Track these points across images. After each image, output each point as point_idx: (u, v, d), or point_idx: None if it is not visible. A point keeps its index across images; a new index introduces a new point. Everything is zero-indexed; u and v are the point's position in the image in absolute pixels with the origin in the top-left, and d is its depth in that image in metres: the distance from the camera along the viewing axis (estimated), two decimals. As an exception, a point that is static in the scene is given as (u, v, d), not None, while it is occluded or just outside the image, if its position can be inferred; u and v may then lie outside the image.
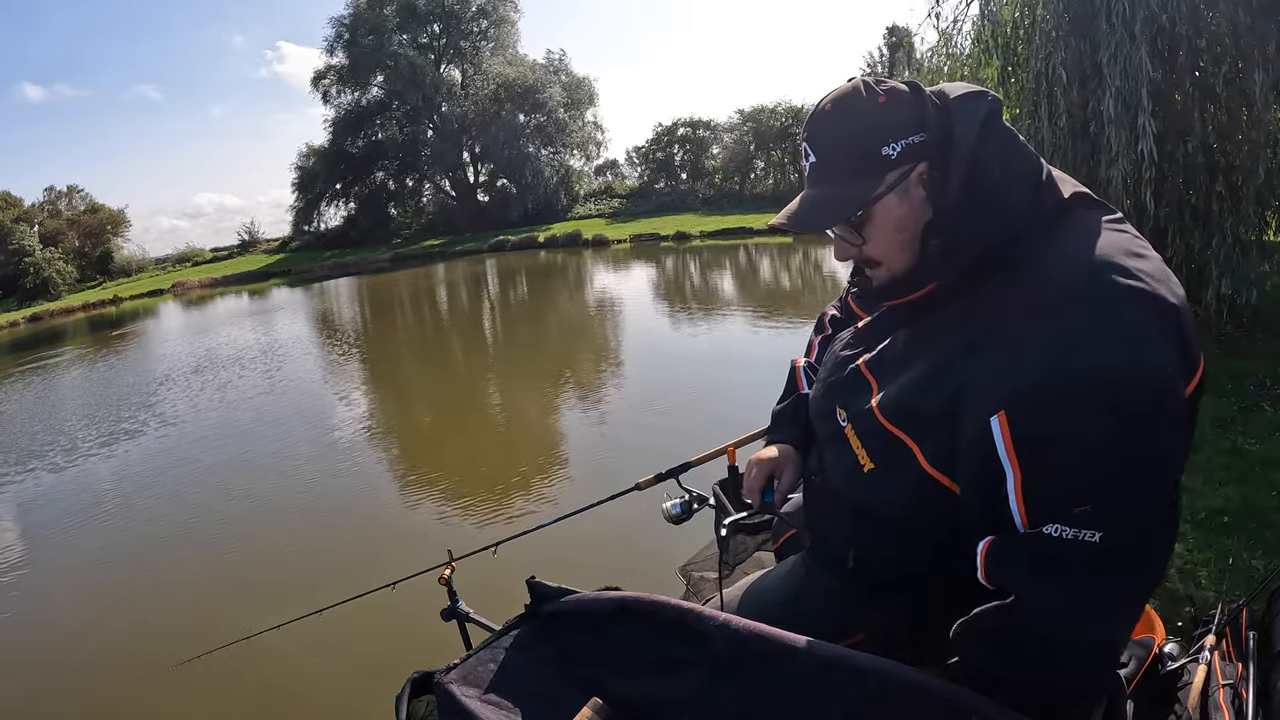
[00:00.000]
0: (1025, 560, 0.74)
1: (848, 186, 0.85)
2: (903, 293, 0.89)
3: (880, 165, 0.84)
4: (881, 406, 0.89)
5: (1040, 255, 0.79)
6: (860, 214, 0.86)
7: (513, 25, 37.23)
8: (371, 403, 8.86)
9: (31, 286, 33.78)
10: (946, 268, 0.84)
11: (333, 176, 36.56)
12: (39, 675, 3.71)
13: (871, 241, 0.88)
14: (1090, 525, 0.70)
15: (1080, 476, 0.71)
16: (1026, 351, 0.73)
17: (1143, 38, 4.35)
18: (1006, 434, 0.73)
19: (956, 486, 0.82)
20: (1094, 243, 0.78)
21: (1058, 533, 0.71)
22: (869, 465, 0.90)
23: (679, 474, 1.82)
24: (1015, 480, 0.73)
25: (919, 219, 0.86)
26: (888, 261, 0.89)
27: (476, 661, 0.96)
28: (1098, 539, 0.70)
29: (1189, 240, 4.83)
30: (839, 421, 0.96)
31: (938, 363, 0.83)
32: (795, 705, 0.76)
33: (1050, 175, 0.85)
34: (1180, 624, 2.25)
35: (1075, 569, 0.72)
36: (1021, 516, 0.74)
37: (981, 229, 0.82)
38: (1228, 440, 3.59)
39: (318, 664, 3.35)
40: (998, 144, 0.83)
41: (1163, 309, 0.73)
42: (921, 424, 0.84)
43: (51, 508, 6.28)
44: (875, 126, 0.84)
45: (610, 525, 3.47)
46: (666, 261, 20.07)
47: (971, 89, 0.87)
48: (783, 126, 30.08)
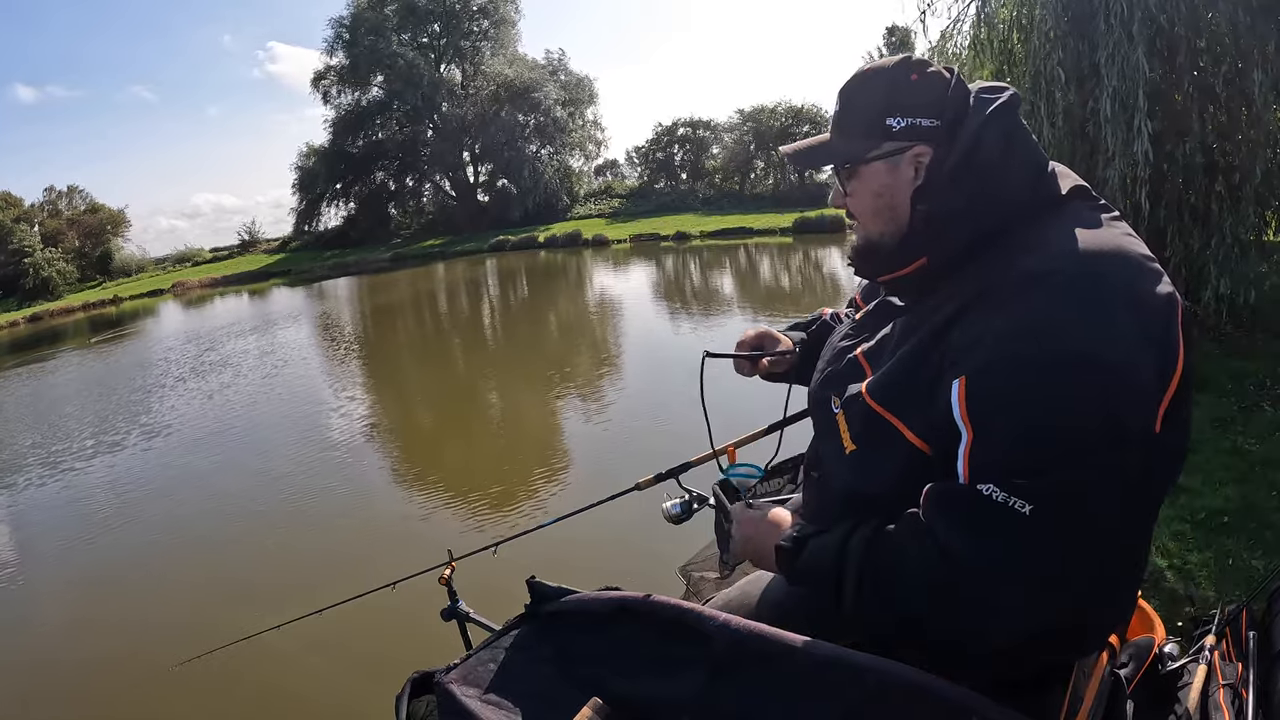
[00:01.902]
0: (952, 508, 0.76)
1: (847, 141, 0.92)
2: (895, 266, 0.92)
3: (881, 132, 0.89)
4: (870, 389, 0.90)
5: (1029, 239, 0.82)
6: (849, 168, 0.92)
7: (513, 25, 37.32)
8: (371, 403, 8.86)
9: (31, 286, 33.81)
10: (934, 240, 0.87)
11: (333, 176, 36.60)
12: (37, 676, 3.71)
13: (853, 197, 0.94)
14: (1023, 496, 0.71)
15: (1022, 447, 0.73)
16: (995, 325, 0.76)
17: (1140, 38, 4.35)
18: (962, 396, 0.76)
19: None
20: (1083, 233, 0.80)
21: (988, 492, 0.73)
22: (850, 447, 0.92)
23: (679, 474, 1.81)
24: (966, 441, 0.76)
25: (898, 194, 0.90)
26: (862, 220, 0.95)
27: (476, 661, 0.96)
28: (1027, 511, 0.71)
29: (1188, 240, 4.83)
30: (832, 409, 0.97)
31: (924, 340, 0.85)
32: (795, 705, 0.76)
33: (1054, 170, 0.88)
34: (1180, 624, 2.25)
35: (995, 532, 0.73)
36: (965, 477, 0.76)
37: (972, 205, 0.84)
38: (1228, 440, 3.59)
39: (318, 664, 3.35)
40: (1003, 130, 0.86)
41: (1137, 301, 0.75)
42: (906, 401, 0.85)
43: (50, 508, 6.28)
44: (890, 97, 0.88)
45: (610, 525, 3.47)
46: (666, 261, 20.07)
47: (998, 84, 0.91)
48: (783, 126, 30.08)
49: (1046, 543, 0.72)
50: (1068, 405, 0.71)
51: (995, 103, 0.87)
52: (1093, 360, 0.71)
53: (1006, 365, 0.74)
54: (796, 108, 30.63)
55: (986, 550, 0.73)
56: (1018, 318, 0.74)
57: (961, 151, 0.85)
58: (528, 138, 34.82)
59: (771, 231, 22.82)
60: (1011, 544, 0.73)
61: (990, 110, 0.86)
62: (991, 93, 0.89)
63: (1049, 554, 0.73)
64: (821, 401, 1.02)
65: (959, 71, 0.90)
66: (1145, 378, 0.74)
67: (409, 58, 34.26)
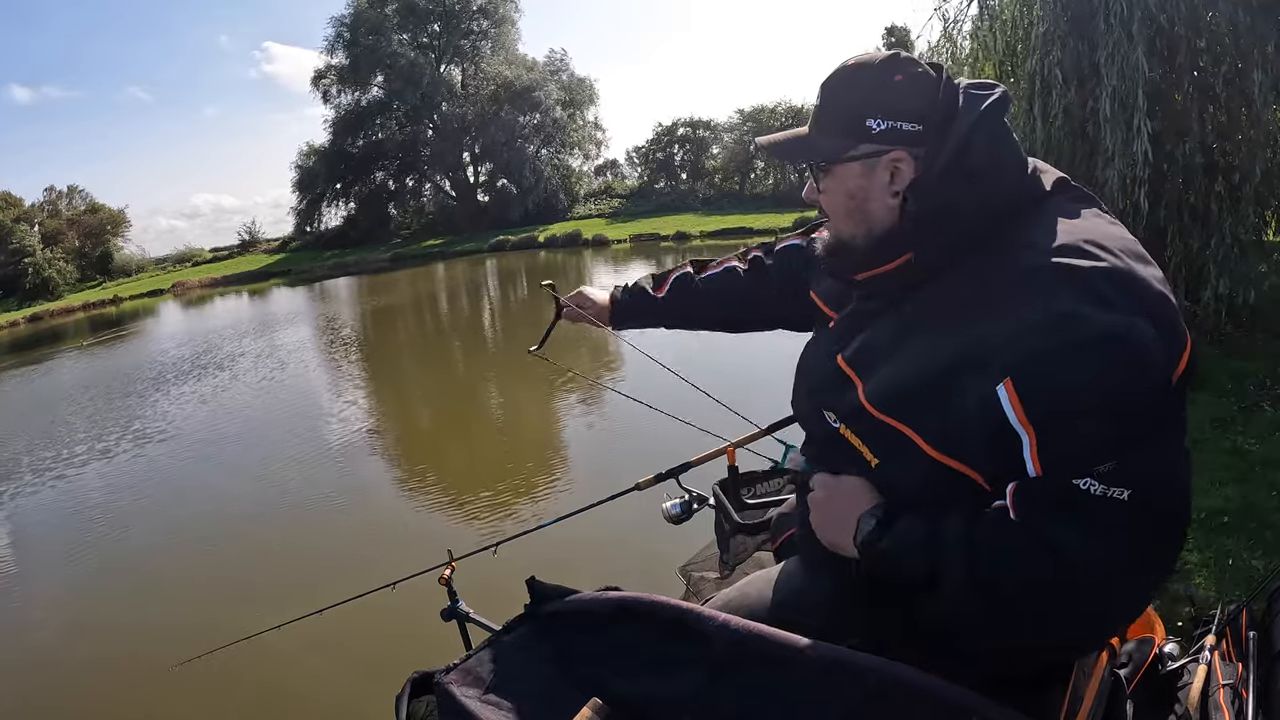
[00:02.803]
0: (1058, 507, 0.75)
1: (825, 138, 0.90)
2: (875, 263, 0.90)
3: (860, 132, 0.87)
4: (870, 398, 0.88)
5: (1024, 233, 0.81)
6: (824, 165, 0.91)
7: (513, 25, 37.27)
8: (371, 403, 8.86)
9: (32, 286, 33.78)
10: (922, 237, 0.86)
11: (333, 176, 36.56)
12: (38, 675, 3.71)
13: (826, 194, 0.93)
14: (1117, 484, 0.72)
15: (1097, 436, 0.73)
16: (1022, 321, 0.74)
17: (1140, 37, 4.35)
18: (1015, 400, 0.74)
19: (968, 468, 0.81)
20: (1075, 224, 0.81)
21: (1086, 485, 0.73)
22: (874, 461, 0.89)
23: (679, 474, 1.82)
24: (1030, 443, 0.74)
25: (872, 197, 0.88)
26: (834, 219, 0.94)
27: (476, 661, 0.96)
28: (1125, 497, 0.72)
29: (1188, 240, 4.83)
30: (830, 423, 0.95)
31: (923, 344, 0.84)
32: (795, 705, 0.76)
33: (1035, 168, 0.88)
34: (1180, 624, 2.25)
35: (1105, 523, 0.73)
36: (1041, 475, 0.75)
37: (962, 203, 0.84)
38: (1228, 440, 3.59)
39: (318, 664, 3.35)
40: (991, 133, 0.85)
41: (1137, 286, 0.75)
42: (913, 408, 0.83)
43: (49, 508, 6.28)
44: (872, 98, 0.87)
45: (610, 525, 3.47)
46: (666, 261, 19.98)
47: (987, 81, 0.90)
48: (783, 126, 29.93)
49: (1150, 524, 0.74)
50: (1120, 385, 0.71)
51: (986, 101, 0.86)
52: (1126, 337, 0.71)
53: (1050, 358, 0.73)
54: (796, 108, 30.61)
55: (1103, 546, 0.74)
56: (1043, 312, 0.74)
57: (952, 151, 0.84)
58: (528, 138, 34.80)
59: (771, 231, 22.81)
60: (1125, 534, 0.73)
61: (982, 109, 0.85)
62: (980, 90, 0.87)
63: (1156, 535, 0.75)
64: (812, 414, 1.00)
65: (957, 72, 0.90)
66: (1169, 354, 0.74)
67: (409, 57, 34.24)
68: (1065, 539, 0.74)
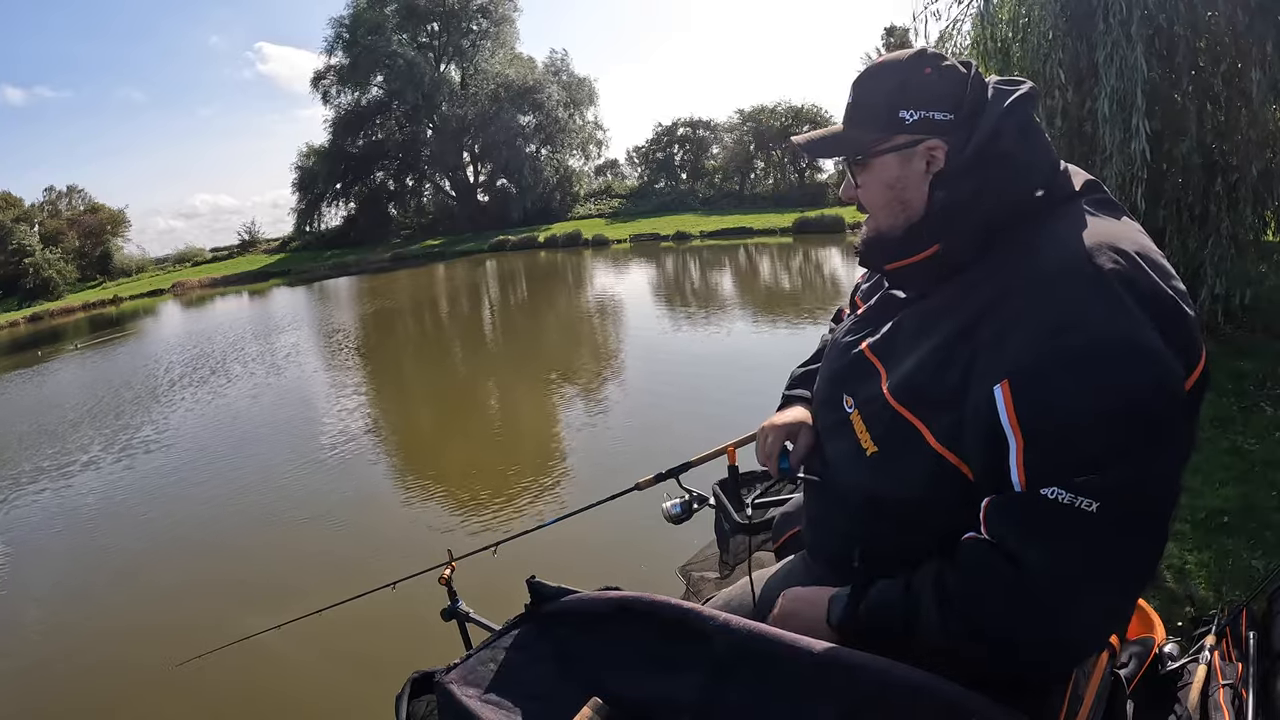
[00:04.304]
0: (1019, 518, 0.75)
1: (860, 132, 0.92)
2: (905, 253, 0.91)
3: (894, 125, 0.88)
4: (892, 390, 0.88)
5: (1046, 234, 0.82)
6: (861, 159, 0.92)
7: (513, 24, 37.26)
8: (371, 403, 8.85)
9: (32, 286, 33.76)
10: (948, 228, 0.86)
11: (333, 176, 36.56)
12: (37, 676, 3.71)
13: (864, 189, 0.93)
14: (1088, 494, 0.71)
15: (1080, 446, 0.72)
16: (1030, 323, 0.75)
17: (1139, 37, 4.35)
18: (1009, 402, 0.74)
19: (965, 465, 0.82)
20: (1098, 228, 0.80)
21: (1053, 495, 0.73)
22: (871, 449, 0.90)
23: (679, 474, 1.82)
24: (1017, 448, 0.75)
25: (910, 187, 0.89)
26: (873, 212, 0.95)
27: (476, 661, 0.96)
28: (1094, 509, 0.71)
29: (1186, 240, 4.83)
30: (845, 409, 0.95)
31: (946, 340, 0.84)
32: (795, 705, 0.76)
33: (1066, 168, 0.89)
34: (1180, 624, 2.25)
35: (1069, 535, 0.72)
36: (1021, 484, 0.75)
37: (987, 195, 0.84)
38: (1228, 440, 3.59)
39: (318, 664, 3.35)
40: (1020, 123, 0.86)
41: (1153, 296, 0.75)
42: (931, 403, 0.84)
43: (48, 508, 6.28)
44: (904, 90, 0.88)
45: (610, 525, 3.47)
46: (666, 261, 20.08)
47: (1015, 77, 0.91)
48: (783, 126, 30.06)
49: (1118, 538, 0.72)
50: (1113, 397, 0.71)
51: (1014, 94, 0.87)
52: (1131, 348, 0.71)
53: (1047, 364, 0.73)
54: (796, 108, 30.64)
55: (1061, 555, 0.73)
56: (1051, 316, 0.74)
57: (979, 142, 0.85)
58: (528, 137, 34.81)
59: (771, 231, 22.84)
60: (1085, 545, 0.72)
61: (1009, 102, 0.86)
62: (1009, 85, 0.89)
63: (1122, 549, 0.73)
64: (831, 400, 1.00)
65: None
66: (1176, 373, 0.74)
67: (409, 57, 34.22)
68: (1026, 551, 0.74)
